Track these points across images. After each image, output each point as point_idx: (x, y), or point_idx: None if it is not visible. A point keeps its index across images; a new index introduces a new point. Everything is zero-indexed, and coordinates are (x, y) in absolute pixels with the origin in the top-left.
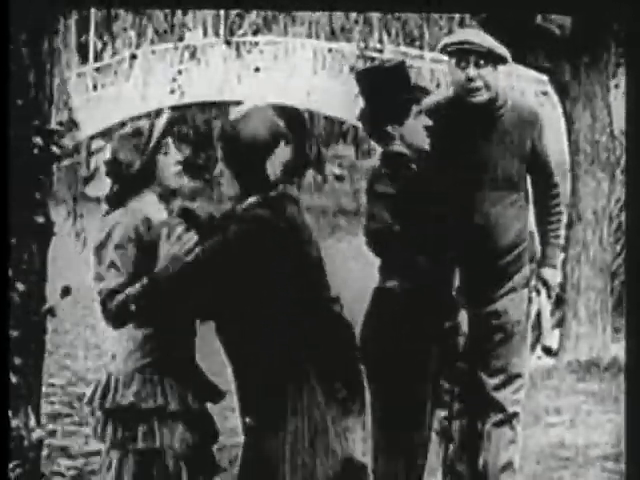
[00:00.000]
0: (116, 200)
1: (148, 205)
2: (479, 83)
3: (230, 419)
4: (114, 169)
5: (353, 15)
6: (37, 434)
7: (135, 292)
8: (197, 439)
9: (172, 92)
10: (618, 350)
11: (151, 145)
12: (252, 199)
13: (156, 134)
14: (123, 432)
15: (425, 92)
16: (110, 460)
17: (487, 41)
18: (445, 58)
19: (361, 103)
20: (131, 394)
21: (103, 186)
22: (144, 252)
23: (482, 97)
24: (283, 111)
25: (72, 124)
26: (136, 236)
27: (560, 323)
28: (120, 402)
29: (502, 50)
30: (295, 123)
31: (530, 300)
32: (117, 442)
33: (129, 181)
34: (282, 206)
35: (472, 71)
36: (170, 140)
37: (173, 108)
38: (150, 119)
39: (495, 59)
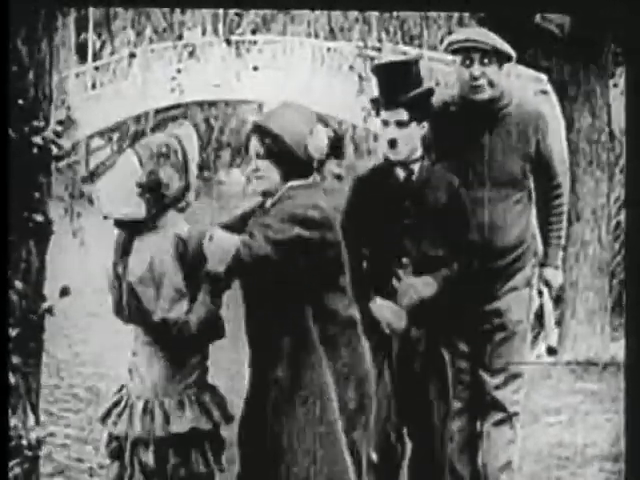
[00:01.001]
0: (150, 223)
1: (174, 222)
2: (483, 81)
3: None
4: (153, 190)
5: (352, 14)
6: (36, 433)
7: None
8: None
9: (172, 91)
10: (617, 349)
11: (190, 161)
12: (292, 183)
13: (192, 148)
14: (172, 459)
15: (430, 91)
16: None
17: (492, 39)
18: (446, 57)
19: (375, 93)
20: (187, 419)
21: (127, 209)
22: (188, 268)
23: (485, 95)
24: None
25: (70, 123)
26: (177, 255)
27: (559, 322)
28: (176, 429)
29: (507, 48)
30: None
31: (531, 299)
32: (156, 470)
33: (166, 201)
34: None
35: (477, 69)
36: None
37: (172, 107)
38: (173, 134)
39: (500, 57)
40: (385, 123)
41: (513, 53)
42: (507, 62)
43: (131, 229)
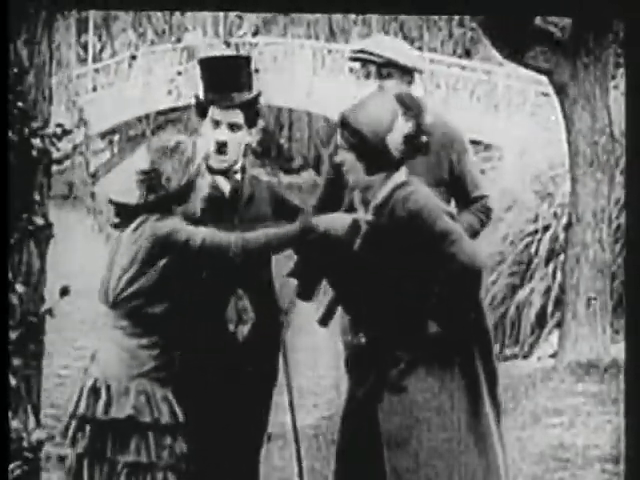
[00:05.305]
0: (146, 210)
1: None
2: None
3: None
4: (152, 180)
5: (352, 16)
6: (36, 435)
7: None
8: (187, 451)
9: (169, 93)
10: (617, 351)
11: (195, 165)
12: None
13: (200, 155)
14: (112, 443)
15: (259, 95)
16: (79, 470)
17: (390, 50)
18: (447, 59)
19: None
20: (128, 406)
21: (127, 194)
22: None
23: None
24: (398, 96)
25: (82, 123)
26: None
27: (560, 324)
28: (117, 414)
29: (407, 62)
30: (410, 103)
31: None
32: (97, 453)
33: (164, 196)
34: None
35: (372, 84)
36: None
37: (173, 109)
38: (189, 137)
39: (403, 71)
40: (216, 123)
41: (419, 66)
42: (411, 75)
43: (123, 215)
